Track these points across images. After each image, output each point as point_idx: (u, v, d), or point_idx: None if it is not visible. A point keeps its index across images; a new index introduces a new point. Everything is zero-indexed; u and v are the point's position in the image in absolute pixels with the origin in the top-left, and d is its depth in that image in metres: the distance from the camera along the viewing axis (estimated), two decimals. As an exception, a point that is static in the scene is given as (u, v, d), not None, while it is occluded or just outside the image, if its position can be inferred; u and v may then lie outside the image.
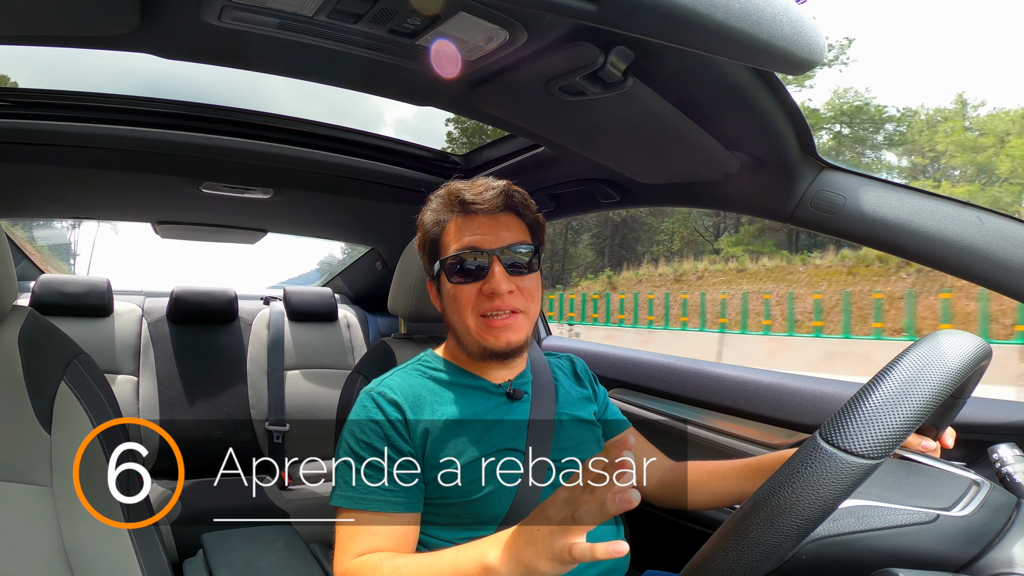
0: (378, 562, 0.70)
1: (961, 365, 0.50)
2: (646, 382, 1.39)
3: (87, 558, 0.72)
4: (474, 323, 0.80)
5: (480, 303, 0.80)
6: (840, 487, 0.44)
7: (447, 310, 0.85)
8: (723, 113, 0.85)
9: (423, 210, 0.88)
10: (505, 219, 0.83)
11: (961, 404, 0.67)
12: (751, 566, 0.46)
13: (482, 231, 0.81)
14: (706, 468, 0.89)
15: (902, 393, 0.47)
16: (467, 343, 0.83)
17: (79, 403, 0.76)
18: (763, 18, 0.55)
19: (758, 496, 0.47)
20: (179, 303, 2.02)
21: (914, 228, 0.87)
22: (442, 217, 0.85)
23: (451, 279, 0.81)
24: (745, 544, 0.46)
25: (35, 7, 0.71)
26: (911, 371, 0.49)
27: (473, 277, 0.80)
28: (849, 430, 0.45)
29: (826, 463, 0.45)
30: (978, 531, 0.54)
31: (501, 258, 0.80)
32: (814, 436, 0.47)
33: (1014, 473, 0.59)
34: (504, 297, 0.79)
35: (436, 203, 0.86)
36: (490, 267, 0.79)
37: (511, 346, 0.80)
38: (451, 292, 0.81)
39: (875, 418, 0.46)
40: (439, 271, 0.84)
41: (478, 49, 0.76)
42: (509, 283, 0.79)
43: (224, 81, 8.05)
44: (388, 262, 2.15)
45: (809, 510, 0.44)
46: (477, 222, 0.82)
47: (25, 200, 1.62)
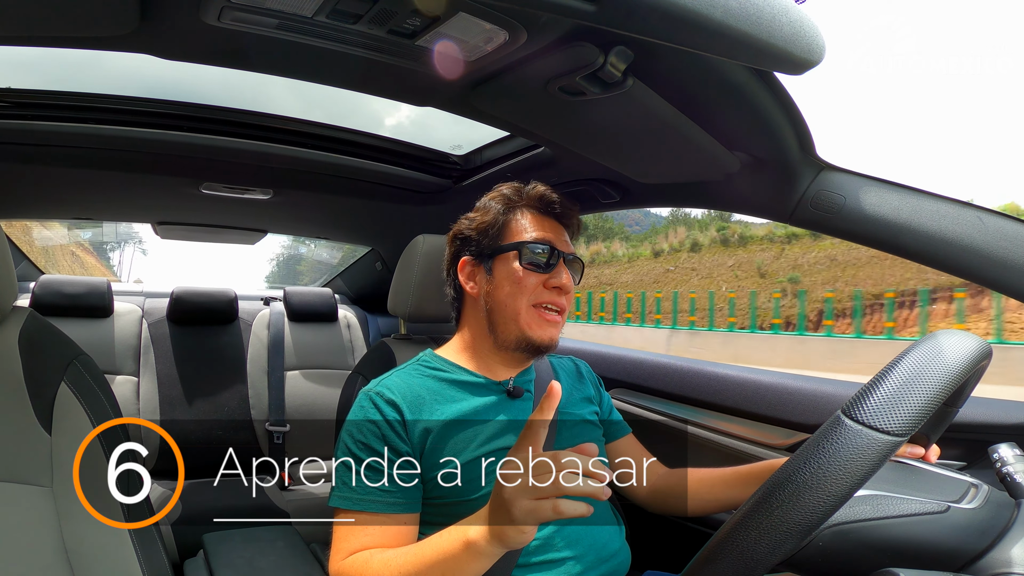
0: (368, 557, 0.70)
1: (967, 357, 0.51)
2: (646, 382, 1.39)
3: (88, 558, 0.72)
4: (526, 310, 0.83)
5: (540, 293, 0.84)
6: (867, 463, 0.44)
7: (497, 291, 0.85)
8: (723, 113, 0.85)
9: (490, 194, 0.91)
10: (565, 231, 0.89)
11: (954, 413, 0.68)
12: (773, 545, 0.46)
13: (555, 232, 0.87)
14: (697, 475, 0.90)
15: (920, 373, 0.47)
16: (506, 329, 0.84)
17: (79, 403, 0.76)
18: (763, 18, 0.54)
19: (782, 473, 0.46)
20: (179, 303, 2.02)
21: (914, 228, 0.87)
22: (517, 206, 0.88)
23: (522, 262, 0.84)
24: (769, 522, 0.46)
25: (34, 7, 0.71)
26: (926, 356, 0.49)
27: (542, 268, 0.84)
28: (873, 407, 0.46)
29: (853, 439, 0.45)
30: (988, 523, 0.54)
31: (567, 262, 0.86)
32: (837, 415, 0.47)
33: (1014, 473, 0.59)
34: (563, 295, 0.85)
35: (510, 191, 0.89)
36: (558, 265, 0.85)
37: (552, 342, 0.85)
38: (516, 275, 0.84)
39: (897, 396, 0.46)
40: (499, 253, 0.86)
41: (478, 49, 0.76)
42: (571, 283, 0.86)
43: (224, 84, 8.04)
44: (388, 262, 2.15)
45: (836, 486, 0.44)
46: (548, 223, 0.88)
47: (25, 200, 1.62)
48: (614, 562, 0.83)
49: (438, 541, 0.64)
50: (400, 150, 1.43)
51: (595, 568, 0.80)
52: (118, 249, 17.65)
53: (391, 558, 0.68)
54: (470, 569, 0.61)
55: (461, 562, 0.60)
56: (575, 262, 0.89)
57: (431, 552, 0.64)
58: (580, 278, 0.91)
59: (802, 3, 0.58)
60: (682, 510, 0.91)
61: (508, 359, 0.87)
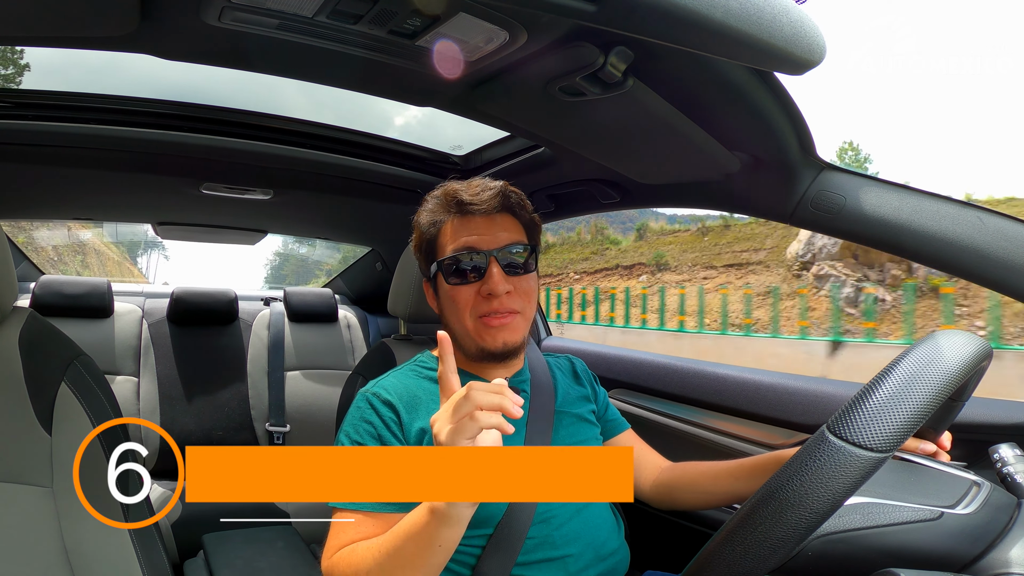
0: (354, 547, 0.70)
1: (963, 362, 0.50)
2: (646, 382, 1.39)
3: (88, 558, 0.72)
4: (472, 324, 0.80)
5: (478, 304, 0.80)
6: (849, 480, 0.44)
7: (444, 311, 0.84)
8: (723, 113, 0.85)
9: (419, 211, 0.88)
10: (502, 220, 0.83)
11: (959, 407, 0.67)
12: (758, 560, 0.46)
13: (479, 232, 0.81)
14: (700, 468, 0.89)
15: (907, 387, 0.47)
16: (465, 344, 0.83)
17: (79, 404, 0.76)
18: (763, 18, 0.54)
19: (766, 490, 0.47)
20: (179, 304, 2.02)
21: (914, 228, 0.87)
22: (439, 218, 0.84)
23: (448, 280, 0.81)
24: (753, 538, 0.46)
25: (34, 7, 0.71)
26: (915, 367, 0.49)
27: (471, 278, 0.80)
28: (857, 423, 0.45)
29: (835, 456, 0.45)
30: (982, 529, 0.54)
31: (499, 258, 0.79)
32: (822, 430, 0.47)
33: (1015, 473, 0.59)
34: (502, 298, 0.79)
35: (432, 204, 0.86)
36: (488, 268, 0.79)
37: (508, 346, 0.80)
38: (449, 293, 0.81)
39: (882, 412, 0.46)
40: (436, 272, 0.84)
41: (478, 50, 0.76)
42: (507, 284, 0.79)
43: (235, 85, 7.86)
44: (388, 263, 2.15)
45: (818, 503, 0.44)
46: (474, 223, 0.81)
47: (25, 200, 1.62)
48: (612, 560, 0.83)
49: (410, 516, 0.64)
50: (400, 150, 1.43)
51: (594, 566, 0.80)
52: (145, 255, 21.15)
53: (373, 543, 0.68)
54: (441, 535, 0.60)
55: (431, 528, 0.60)
56: (516, 250, 0.80)
57: (405, 526, 0.63)
58: (532, 261, 0.82)
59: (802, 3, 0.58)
60: (687, 504, 0.90)
61: (485, 364, 0.85)
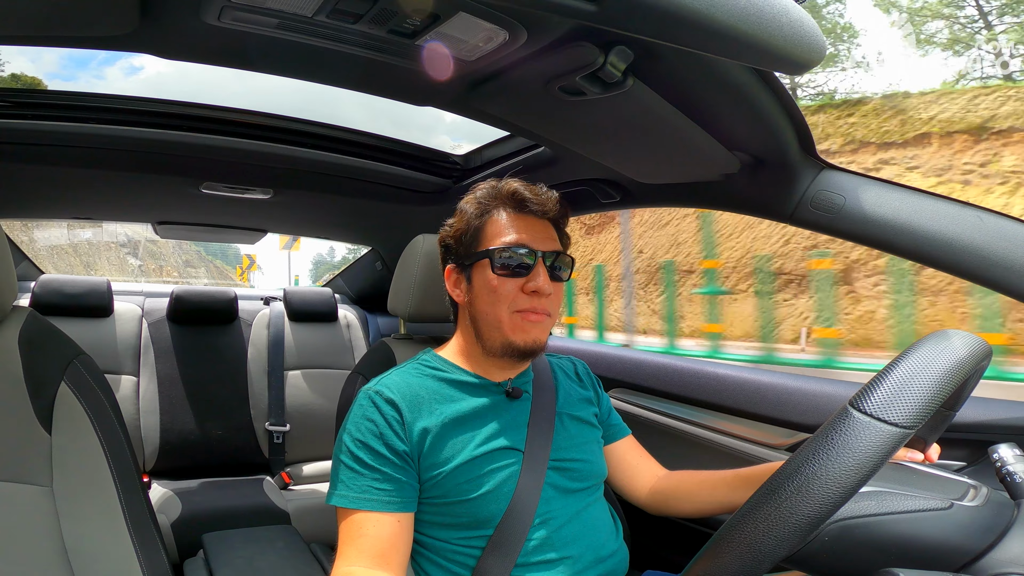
0: None
1: (972, 351, 0.51)
2: (646, 382, 1.39)
3: (88, 558, 0.72)
4: (507, 317, 0.80)
5: (518, 299, 0.80)
6: (876, 454, 0.44)
7: (477, 301, 0.83)
8: (723, 113, 0.85)
9: (466, 196, 0.87)
10: (551, 228, 0.85)
11: (951, 416, 0.68)
12: (781, 538, 0.46)
13: (532, 231, 0.82)
14: (698, 477, 0.90)
15: (926, 368, 0.48)
16: (491, 337, 0.82)
17: (79, 403, 0.76)
18: (763, 18, 0.54)
19: (791, 466, 0.47)
20: (179, 303, 2.03)
21: (914, 228, 0.87)
22: (490, 208, 0.84)
23: (495, 270, 0.81)
24: (778, 514, 0.46)
25: (34, 7, 0.71)
26: (931, 350, 0.50)
27: (517, 273, 0.81)
28: (880, 399, 0.46)
29: (861, 430, 0.45)
30: (991, 521, 0.54)
31: (546, 261, 0.81)
32: (844, 407, 0.47)
33: (1015, 473, 0.59)
34: (543, 299, 0.80)
35: (483, 193, 0.85)
36: (535, 267, 0.80)
37: (537, 344, 0.81)
38: (491, 283, 0.81)
39: (903, 389, 0.46)
40: (474, 261, 0.83)
41: (478, 49, 0.76)
42: (551, 286, 0.81)
43: (297, 96, 7.67)
44: (388, 262, 2.15)
45: (846, 477, 0.44)
46: (527, 222, 0.83)
47: (25, 200, 1.62)
48: (612, 562, 0.83)
49: None
50: (400, 150, 1.43)
51: (593, 568, 0.80)
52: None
53: None
54: None
55: None
56: (561, 258, 0.84)
57: None
58: (571, 273, 0.86)
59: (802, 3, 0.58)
60: (682, 512, 0.91)
61: (500, 363, 0.85)
